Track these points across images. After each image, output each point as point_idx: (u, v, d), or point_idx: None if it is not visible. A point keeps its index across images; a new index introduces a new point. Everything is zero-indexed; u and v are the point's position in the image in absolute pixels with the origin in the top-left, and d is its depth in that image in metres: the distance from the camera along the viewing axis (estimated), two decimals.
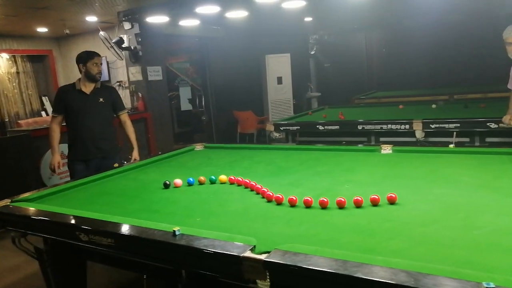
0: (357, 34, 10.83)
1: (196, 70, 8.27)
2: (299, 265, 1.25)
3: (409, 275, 1.11)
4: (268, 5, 4.69)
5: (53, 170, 3.46)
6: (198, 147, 3.72)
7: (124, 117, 3.70)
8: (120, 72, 6.67)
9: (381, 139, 4.56)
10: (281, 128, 5.03)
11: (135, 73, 6.15)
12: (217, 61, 7.80)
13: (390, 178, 2.26)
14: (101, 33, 5.58)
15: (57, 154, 3.47)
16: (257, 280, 1.35)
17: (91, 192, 2.48)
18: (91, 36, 6.71)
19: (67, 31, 6.15)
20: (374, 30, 10.49)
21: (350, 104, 7.17)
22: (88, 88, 3.46)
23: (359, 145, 3.19)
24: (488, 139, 4.04)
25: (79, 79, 3.48)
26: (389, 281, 1.10)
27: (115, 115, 3.68)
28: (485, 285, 1.00)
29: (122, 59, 6.06)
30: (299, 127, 4.95)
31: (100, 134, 3.50)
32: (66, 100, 3.44)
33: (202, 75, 7.90)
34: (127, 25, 5.82)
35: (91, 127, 3.45)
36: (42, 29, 6.28)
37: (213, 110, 7.87)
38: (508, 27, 3.09)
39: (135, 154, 3.71)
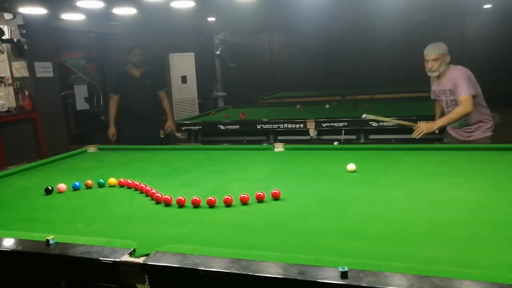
0: (261, 36, 11.18)
1: (94, 67, 7.79)
2: (175, 265, 1.25)
3: (280, 267, 1.18)
4: (156, 3, 4.62)
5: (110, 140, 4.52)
6: (91, 149, 3.51)
7: (162, 94, 4.76)
8: (1, 66, 5.97)
9: (279, 137, 4.77)
10: (183, 128, 4.98)
11: (20, 68, 5.57)
12: (117, 59, 7.42)
13: (278, 175, 2.37)
14: None
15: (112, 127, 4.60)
16: (136, 284, 1.33)
17: None
18: None
19: None
20: (276, 33, 10.92)
21: (252, 104, 7.36)
22: (136, 72, 4.56)
23: (263, 144, 3.27)
24: (372, 136, 4.46)
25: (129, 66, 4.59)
26: (259, 274, 1.16)
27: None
28: (340, 269, 1.10)
29: (3, 53, 5.44)
30: (201, 127, 4.94)
31: (142, 109, 4.52)
32: (123, 83, 4.59)
33: (101, 73, 7.47)
34: (7, 15, 5.25)
35: (137, 103, 4.51)
36: None
37: None
38: (429, 44, 3.20)
39: (169, 123, 4.71)
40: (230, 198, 1.86)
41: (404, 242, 1.38)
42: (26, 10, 4.75)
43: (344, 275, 1.10)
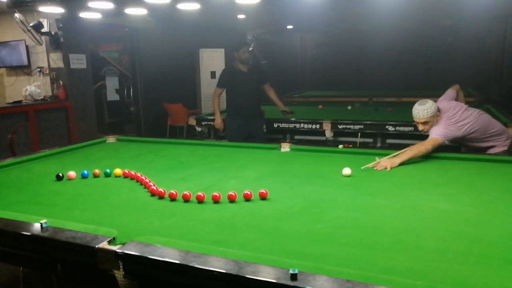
0: (293, 34, 11.14)
1: (128, 59, 8.09)
2: (144, 255, 1.34)
3: (236, 264, 1.25)
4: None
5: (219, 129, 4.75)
6: (110, 139, 3.69)
7: (267, 86, 4.83)
8: (40, 57, 6.34)
9: (296, 137, 4.80)
10: (203, 123, 5.10)
11: (56, 59, 5.89)
12: (148, 53, 7.67)
13: (274, 174, 2.42)
14: (16, 15, 5.25)
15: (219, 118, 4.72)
16: (113, 270, 1.43)
17: None
18: (7, 16, 6.30)
19: None
20: (309, 32, 10.86)
21: None
22: (244, 68, 4.64)
23: (283, 144, 3.09)
24: (389, 141, 4.40)
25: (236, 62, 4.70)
26: (216, 269, 1.23)
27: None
28: (291, 271, 1.15)
29: (41, 44, 5.76)
30: None
31: (249, 102, 4.63)
32: (231, 78, 4.68)
33: (132, 65, 7.74)
34: (46, 9, 5.55)
35: (244, 96, 4.63)
36: None
37: (142, 101, 7.74)
38: (417, 105, 2.89)
39: (282, 107, 4.88)
40: (218, 195, 1.94)
41: (370, 250, 1.40)
42: (46, 9, 4.96)
43: (293, 277, 1.14)
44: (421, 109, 2.84)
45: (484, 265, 1.29)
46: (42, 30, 5.58)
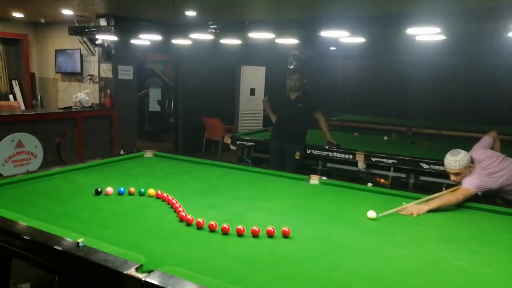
0: (335, 57, 11.14)
1: (172, 69, 8.42)
2: (168, 287, 1.44)
3: None
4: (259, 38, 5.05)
5: None
6: (148, 154, 3.87)
7: (318, 116, 4.87)
8: (92, 66, 6.75)
9: (328, 164, 4.81)
10: (237, 142, 5.22)
11: (106, 70, 6.25)
12: (191, 65, 7.93)
13: (300, 210, 2.47)
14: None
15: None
16: None
17: (25, 191, 2.61)
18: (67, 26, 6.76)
19: (42, 20, 6.21)
20: (351, 59, 10.83)
21: (313, 125, 7.39)
22: (292, 95, 4.75)
23: (312, 176, 3.11)
24: (422, 178, 4.31)
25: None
26: None
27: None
28: None
29: (94, 55, 6.15)
30: (254, 144, 5.15)
31: (286, 128, 4.75)
32: (277, 101, 5.01)
33: (175, 77, 8.03)
34: (103, 22, 5.93)
35: (283, 121, 4.82)
36: (17, 14, 6.30)
37: (182, 112, 7.99)
38: (449, 155, 2.83)
39: (329, 138, 4.87)
40: (242, 228, 2.01)
41: None
42: (102, 37, 5.34)
43: None
44: (453, 160, 2.78)
45: None
46: (96, 42, 5.94)
